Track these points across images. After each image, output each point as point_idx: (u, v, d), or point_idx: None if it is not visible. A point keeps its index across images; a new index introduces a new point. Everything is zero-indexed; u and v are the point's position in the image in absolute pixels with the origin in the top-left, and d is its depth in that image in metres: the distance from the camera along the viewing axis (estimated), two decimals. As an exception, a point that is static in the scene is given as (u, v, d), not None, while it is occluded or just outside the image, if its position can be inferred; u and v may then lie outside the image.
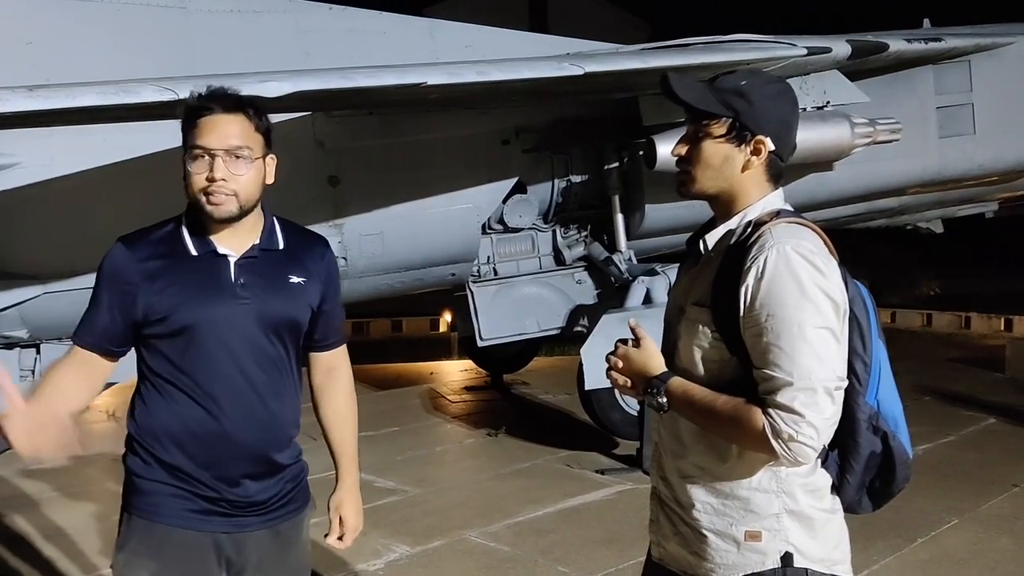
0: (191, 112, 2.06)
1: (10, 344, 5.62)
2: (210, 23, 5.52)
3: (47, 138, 4.92)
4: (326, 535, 2.38)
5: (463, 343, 8.80)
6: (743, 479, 1.83)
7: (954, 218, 8.35)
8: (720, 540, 1.84)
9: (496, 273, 6.71)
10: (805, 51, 5.52)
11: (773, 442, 1.71)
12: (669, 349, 1.94)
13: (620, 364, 1.90)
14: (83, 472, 5.54)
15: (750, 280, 1.75)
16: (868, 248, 13.43)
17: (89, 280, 2.20)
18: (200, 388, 2.07)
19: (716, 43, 5.57)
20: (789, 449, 1.70)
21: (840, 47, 5.86)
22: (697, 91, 1.86)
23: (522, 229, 6.66)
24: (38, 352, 5.65)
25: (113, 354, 2.14)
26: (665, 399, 1.83)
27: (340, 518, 2.35)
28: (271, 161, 2.13)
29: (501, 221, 6.52)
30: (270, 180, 2.13)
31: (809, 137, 5.87)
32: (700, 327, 1.83)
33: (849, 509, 1.93)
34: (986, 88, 6.91)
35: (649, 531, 2.05)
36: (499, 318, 6.68)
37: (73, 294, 4.88)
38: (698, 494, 1.86)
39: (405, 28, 6.04)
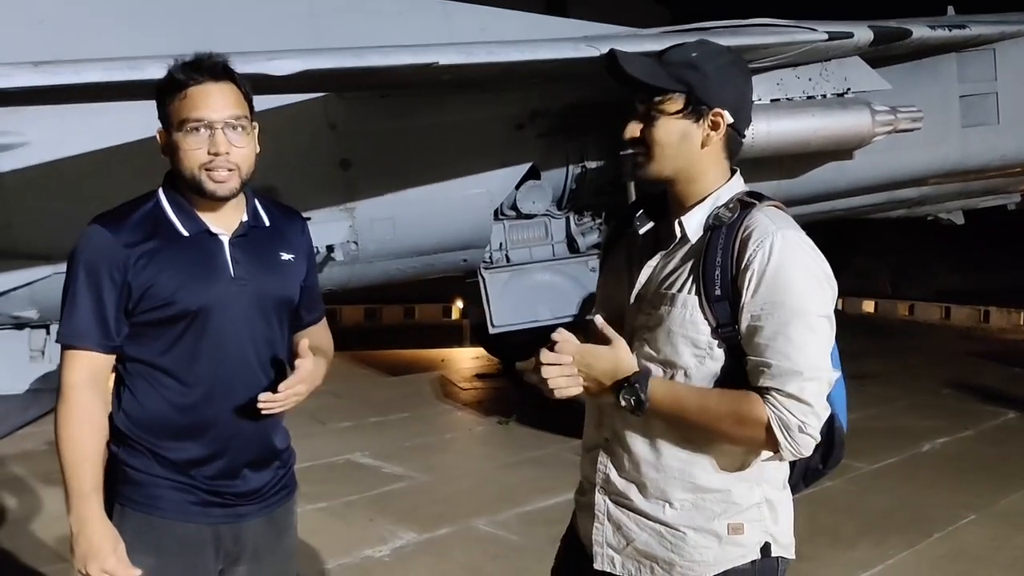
0: (175, 83, 1.92)
1: (20, 324, 5.61)
2: (222, 3, 5.47)
3: (57, 117, 4.88)
4: None
5: (475, 330, 8.75)
6: (723, 470, 1.77)
7: (975, 209, 8.22)
8: (699, 536, 1.76)
9: (508, 260, 6.63)
10: (826, 36, 5.41)
11: (779, 434, 1.65)
12: (627, 341, 1.81)
13: (587, 364, 1.75)
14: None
15: (755, 266, 1.67)
16: (888, 239, 13.28)
17: None
18: (202, 376, 1.97)
19: (736, 27, 5.47)
20: (794, 441, 1.66)
21: (862, 33, 5.74)
22: (647, 66, 1.75)
23: (535, 215, 6.57)
24: (48, 332, 5.63)
25: (119, 352, 1.99)
26: (645, 399, 1.72)
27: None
28: (255, 131, 2.00)
29: (514, 207, 6.44)
30: (257, 151, 2.01)
31: (829, 125, 5.78)
32: (690, 315, 1.73)
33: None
34: (1011, 77, 6.77)
35: (580, 542, 1.93)
36: (511, 305, 6.61)
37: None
38: (674, 491, 1.77)
39: (420, 9, 5.97)
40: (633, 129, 1.79)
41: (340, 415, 6.48)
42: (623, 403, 1.74)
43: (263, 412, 1.96)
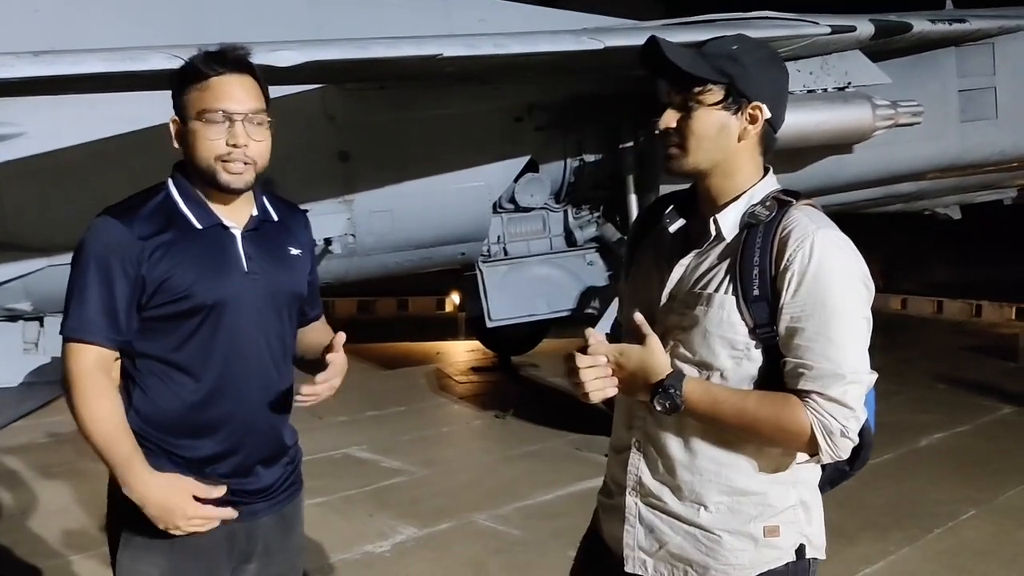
0: (196, 73, 1.89)
1: (13, 316, 5.55)
2: (221, -7, 5.41)
3: (53, 108, 4.81)
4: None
5: (470, 323, 8.72)
6: (759, 472, 1.74)
7: (972, 204, 8.22)
8: (735, 539, 1.73)
9: (506, 253, 6.60)
10: (829, 29, 5.38)
11: (821, 439, 1.63)
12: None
13: (619, 364, 1.69)
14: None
15: (796, 266, 1.63)
16: (882, 232, 13.27)
17: None
18: (216, 371, 1.93)
19: (739, 19, 5.43)
20: (835, 446, 1.64)
21: (863, 26, 5.71)
22: (688, 56, 1.71)
23: (533, 209, 6.54)
24: (41, 325, 5.57)
25: (126, 347, 1.94)
26: (681, 402, 1.68)
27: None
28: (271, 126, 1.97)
29: (512, 200, 6.41)
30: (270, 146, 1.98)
31: (830, 119, 5.75)
32: (727, 315, 1.69)
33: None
34: (1009, 72, 6.74)
35: (605, 543, 1.91)
36: (509, 299, 6.58)
37: (78, 267, 4.79)
38: (709, 493, 1.74)
39: (418, 0, 5.92)
40: (669, 119, 1.74)
41: (336, 409, 6.43)
42: (658, 406, 1.70)
43: (302, 405, 1.95)
